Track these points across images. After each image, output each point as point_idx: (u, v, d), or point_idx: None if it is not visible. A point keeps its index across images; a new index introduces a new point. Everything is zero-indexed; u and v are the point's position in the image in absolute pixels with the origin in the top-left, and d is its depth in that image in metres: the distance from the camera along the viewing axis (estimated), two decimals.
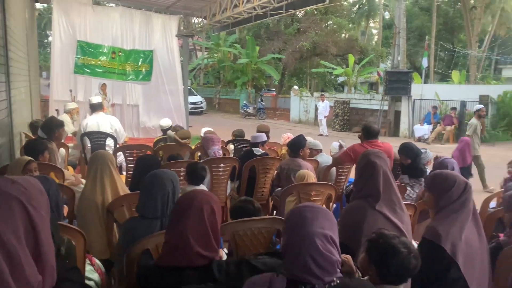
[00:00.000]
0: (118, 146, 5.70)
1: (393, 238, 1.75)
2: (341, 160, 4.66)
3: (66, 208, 3.25)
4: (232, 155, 5.71)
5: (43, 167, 3.63)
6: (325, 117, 16.65)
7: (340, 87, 28.79)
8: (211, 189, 4.42)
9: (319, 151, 5.31)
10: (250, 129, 7.60)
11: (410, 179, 4.23)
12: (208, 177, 4.29)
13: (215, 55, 27.89)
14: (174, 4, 9.88)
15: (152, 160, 3.69)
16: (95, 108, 5.86)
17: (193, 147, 5.94)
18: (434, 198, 2.37)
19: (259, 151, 4.98)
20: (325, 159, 5.15)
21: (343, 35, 26.27)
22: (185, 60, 11.80)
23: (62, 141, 5.28)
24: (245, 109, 23.43)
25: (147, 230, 2.15)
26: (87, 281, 2.27)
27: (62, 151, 5.19)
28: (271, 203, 4.87)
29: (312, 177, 3.78)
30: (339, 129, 18.15)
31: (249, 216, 2.48)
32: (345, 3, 29.89)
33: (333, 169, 4.93)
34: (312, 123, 19.83)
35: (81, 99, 9.41)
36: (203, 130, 6.80)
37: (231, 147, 6.22)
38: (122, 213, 2.92)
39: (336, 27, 24.97)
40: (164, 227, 2.21)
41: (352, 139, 11.30)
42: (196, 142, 6.92)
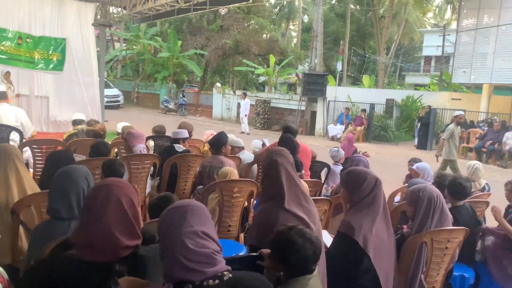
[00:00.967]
0: (24, 140, 5.22)
1: (288, 231, 1.79)
2: (263, 157, 4.77)
3: None
4: (152, 152, 5.55)
5: None
6: (246, 115, 16.89)
7: (261, 87, 29.39)
8: None
9: (241, 148, 5.38)
10: (171, 125, 7.45)
11: None
12: (126, 174, 4.12)
13: (134, 47, 26.78)
14: None
15: (65, 156, 3.44)
16: None
17: (110, 143, 5.66)
18: (348, 193, 2.54)
19: (180, 147, 4.90)
20: (247, 156, 5.23)
21: (264, 35, 26.82)
22: (101, 50, 11.15)
23: None
24: (165, 104, 22.84)
25: (66, 234, 1.98)
26: None
27: None
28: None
29: (234, 174, 3.83)
30: (260, 127, 18.54)
31: None
32: (267, 4, 30.55)
33: (255, 166, 5.04)
34: (234, 120, 19.99)
35: None
36: (120, 125, 6.50)
37: (151, 143, 6.03)
38: (30, 214, 2.68)
39: (258, 27, 25.40)
40: None
41: (272, 137, 11.60)
42: (112, 137, 6.60)
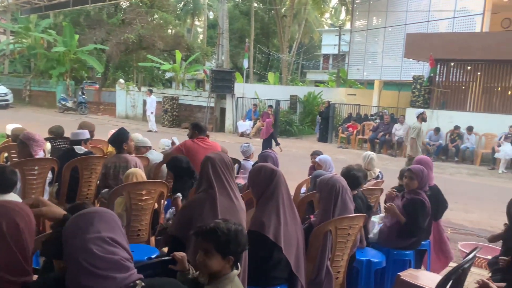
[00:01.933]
0: None
1: (216, 222, 1.80)
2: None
3: None
4: (49, 155, 5.09)
5: None
6: (152, 112, 16.35)
7: (168, 83, 28.71)
8: (24, 197, 3.85)
9: (148, 148, 5.19)
10: (71, 125, 6.91)
11: None
12: (20, 183, 3.73)
13: (24, 40, 24.24)
14: None
15: None
16: None
17: None
18: (251, 188, 2.67)
19: (81, 149, 4.56)
20: (155, 156, 5.07)
21: (169, 30, 26.20)
22: None
23: None
24: (63, 102, 21.09)
25: None
26: None
27: None
28: (98, 206, 4.55)
29: (139, 175, 3.63)
30: (169, 125, 18.12)
31: None
32: None
33: (164, 166, 4.91)
34: (141, 118, 19.28)
35: None
36: (10, 127, 5.86)
37: (48, 146, 5.53)
38: None
39: (162, 22, 24.72)
40: None
41: (181, 135, 11.41)
42: (1, 140, 5.92)
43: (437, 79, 13.58)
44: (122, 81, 21.26)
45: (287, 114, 17.58)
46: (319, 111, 16.60)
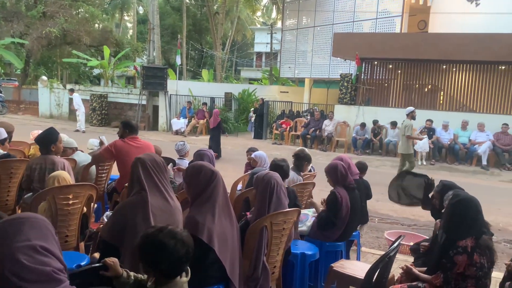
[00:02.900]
0: None
1: (157, 234, 1.70)
2: (102, 157, 4.47)
3: None
4: None
5: None
6: (76, 110, 15.44)
7: (96, 80, 27.34)
8: None
9: (74, 149, 4.90)
10: None
11: None
12: None
13: None
14: None
15: None
16: None
17: None
18: (188, 188, 2.60)
19: None
20: (82, 158, 4.80)
21: (96, 25, 24.89)
22: None
23: None
24: None
25: None
26: None
27: None
28: (19, 212, 4.22)
29: (63, 178, 3.37)
30: (98, 124, 17.29)
31: None
32: None
33: (93, 167, 4.68)
34: (67, 117, 18.20)
35: None
36: None
37: None
38: None
39: (88, 16, 23.41)
40: None
41: (112, 134, 10.95)
42: None
43: (362, 77, 14.36)
44: (44, 78, 19.84)
45: (222, 111, 17.56)
46: (253, 108, 16.79)
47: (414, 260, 3.35)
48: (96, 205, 4.22)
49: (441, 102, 14.30)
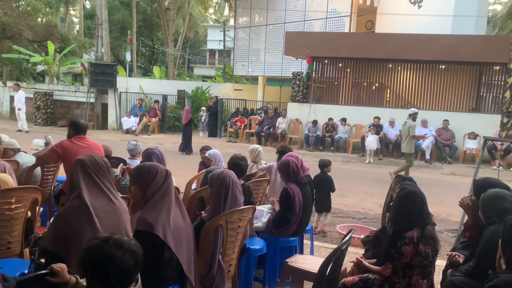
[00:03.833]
0: None
1: (103, 245, 1.60)
2: (47, 158, 4.25)
3: None
4: None
5: None
6: (19, 109, 14.52)
7: (40, 77, 25.89)
8: None
9: (16, 150, 4.63)
10: None
11: None
12: None
13: None
14: None
15: None
16: None
17: None
18: (140, 189, 2.51)
19: None
20: (26, 159, 4.54)
21: (39, 19, 23.57)
22: None
23: None
24: None
25: None
26: None
27: None
28: None
29: (6, 181, 3.17)
30: (42, 123, 16.43)
31: None
32: None
33: (38, 169, 4.45)
34: (8, 117, 17.16)
35: None
36: None
37: None
38: None
39: (30, 9, 22.10)
40: None
41: (58, 134, 10.46)
42: None
43: (313, 75, 14.68)
44: None
45: (175, 109, 17.28)
46: (207, 106, 16.66)
47: (365, 252, 3.48)
48: (42, 209, 4.01)
49: (387, 99, 14.93)
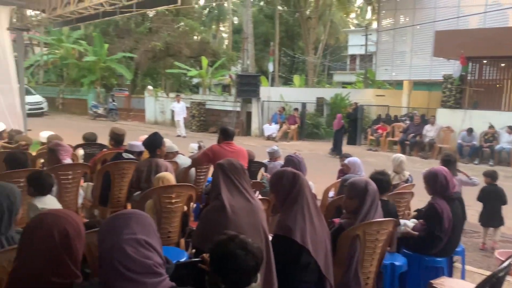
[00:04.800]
0: None
1: (228, 242, 1.67)
2: (200, 161, 4.75)
3: None
4: (81, 161, 5.27)
5: None
6: (183, 117, 16.65)
7: (195, 88, 29.08)
8: (59, 199, 4.00)
9: (175, 153, 5.28)
10: (102, 131, 7.11)
11: None
12: (56, 187, 3.87)
13: (57, 51, 25.18)
14: None
15: None
16: None
17: (34, 153, 5.29)
18: (273, 194, 2.65)
19: (128, 155, 4.73)
20: (183, 160, 5.15)
21: (195, 37, 26.57)
22: (19, 56, 10.36)
23: None
24: (94, 109, 21.77)
25: None
26: None
27: None
28: (129, 208, 4.67)
29: (167, 179, 3.68)
30: (196, 129, 18.35)
31: None
32: (196, 5, 30.24)
33: (193, 170, 4.98)
34: (169, 124, 19.60)
35: None
36: (44, 134, 6.08)
37: (81, 152, 5.72)
38: None
39: (188, 29, 25.10)
40: (3, 245, 1.96)
41: (209, 139, 11.54)
42: (36, 147, 6.16)
43: (468, 77, 13.17)
44: (150, 87, 21.71)
45: (313, 116, 17.45)
46: (346, 113, 16.38)
47: None
48: (195, 205, 4.49)
49: None
